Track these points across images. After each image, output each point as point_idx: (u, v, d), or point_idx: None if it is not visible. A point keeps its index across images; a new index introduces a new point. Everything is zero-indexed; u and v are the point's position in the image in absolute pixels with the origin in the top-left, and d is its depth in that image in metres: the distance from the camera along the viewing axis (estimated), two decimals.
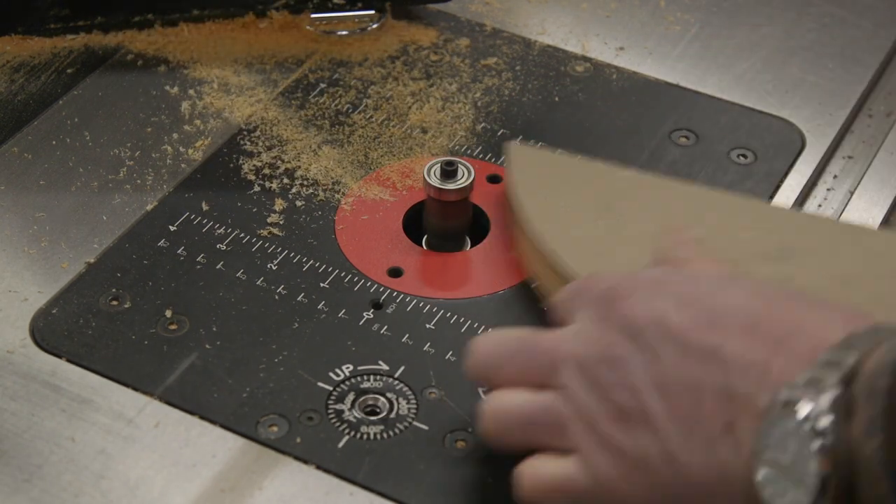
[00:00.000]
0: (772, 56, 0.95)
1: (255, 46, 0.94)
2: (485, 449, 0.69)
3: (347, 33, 0.95)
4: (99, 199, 0.83)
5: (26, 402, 0.71)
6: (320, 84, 0.91)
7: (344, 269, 0.79)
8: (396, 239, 0.81)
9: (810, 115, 0.90)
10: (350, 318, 0.76)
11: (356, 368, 0.73)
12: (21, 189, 0.84)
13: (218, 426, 0.71)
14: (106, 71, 0.92)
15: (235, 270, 0.78)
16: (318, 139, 0.87)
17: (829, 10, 0.98)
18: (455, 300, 0.78)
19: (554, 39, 0.95)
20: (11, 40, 0.93)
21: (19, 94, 0.90)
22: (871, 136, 0.90)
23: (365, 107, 0.90)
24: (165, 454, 0.69)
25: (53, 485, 0.68)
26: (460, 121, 0.89)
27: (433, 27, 0.96)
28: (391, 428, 0.71)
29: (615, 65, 0.93)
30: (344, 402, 0.72)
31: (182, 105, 0.89)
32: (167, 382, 0.72)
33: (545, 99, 0.91)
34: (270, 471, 0.69)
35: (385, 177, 0.85)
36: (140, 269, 0.78)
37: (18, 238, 0.80)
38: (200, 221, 0.81)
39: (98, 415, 0.71)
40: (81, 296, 0.77)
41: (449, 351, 0.74)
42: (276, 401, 0.72)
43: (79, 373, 0.73)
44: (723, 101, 0.91)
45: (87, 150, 0.86)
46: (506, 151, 0.84)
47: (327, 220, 0.82)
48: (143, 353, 0.74)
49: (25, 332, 0.75)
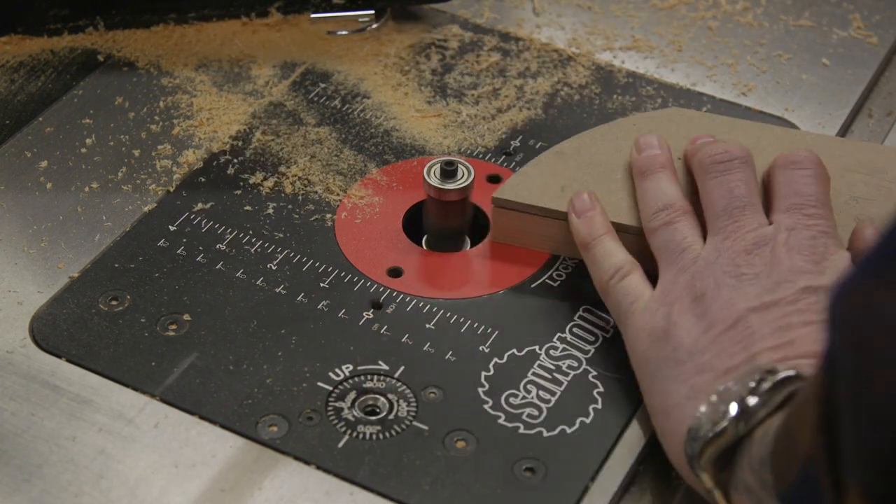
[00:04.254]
0: (772, 56, 0.95)
1: (255, 46, 0.94)
2: (485, 449, 0.69)
3: (347, 33, 0.95)
4: (99, 199, 0.83)
5: (26, 402, 0.71)
6: (320, 84, 0.91)
7: (344, 269, 0.79)
8: (396, 239, 0.81)
9: (810, 115, 0.90)
10: (350, 318, 0.76)
11: (356, 368, 0.73)
12: (21, 189, 0.84)
13: (218, 426, 0.71)
14: (106, 71, 0.92)
15: (235, 270, 0.78)
16: (317, 139, 0.87)
17: (828, 9, 0.98)
18: (455, 300, 0.78)
19: (554, 39, 0.95)
20: (11, 40, 0.93)
21: (19, 94, 0.90)
22: (871, 136, 0.90)
23: (364, 107, 0.89)
24: (165, 454, 0.69)
25: (53, 485, 0.68)
26: (461, 121, 0.89)
27: (433, 27, 0.96)
28: (391, 428, 0.71)
29: (615, 65, 0.93)
30: (344, 401, 0.72)
31: (182, 105, 0.89)
32: (167, 382, 0.72)
33: (545, 98, 0.90)
34: (270, 471, 0.69)
35: (385, 177, 0.85)
36: (140, 269, 0.78)
37: (18, 238, 0.80)
38: (200, 221, 0.81)
39: (98, 415, 0.71)
40: (81, 296, 0.77)
41: (449, 351, 0.74)
42: (276, 401, 0.72)
43: (79, 373, 0.73)
44: (723, 101, 0.91)
45: (87, 150, 0.86)
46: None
47: (327, 221, 0.82)
48: (143, 353, 0.74)
49: (25, 332, 0.75)
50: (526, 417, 0.71)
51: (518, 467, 0.69)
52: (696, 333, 0.68)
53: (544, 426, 0.71)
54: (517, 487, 0.68)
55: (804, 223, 0.71)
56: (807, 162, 0.74)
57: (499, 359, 0.74)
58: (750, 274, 0.69)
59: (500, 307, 0.77)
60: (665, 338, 0.69)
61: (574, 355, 0.75)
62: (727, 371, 0.66)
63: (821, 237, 0.71)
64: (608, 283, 0.74)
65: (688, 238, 0.73)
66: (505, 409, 0.72)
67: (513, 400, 0.72)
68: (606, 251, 0.75)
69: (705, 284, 0.70)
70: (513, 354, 0.75)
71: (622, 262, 0.74)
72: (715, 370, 0.66)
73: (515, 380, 0.73)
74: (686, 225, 0.74)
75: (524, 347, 0.75)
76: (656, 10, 0.99)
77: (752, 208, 0.73)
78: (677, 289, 0.71)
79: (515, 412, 0.72)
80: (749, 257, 0.70)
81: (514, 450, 0.70)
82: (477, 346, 0.75)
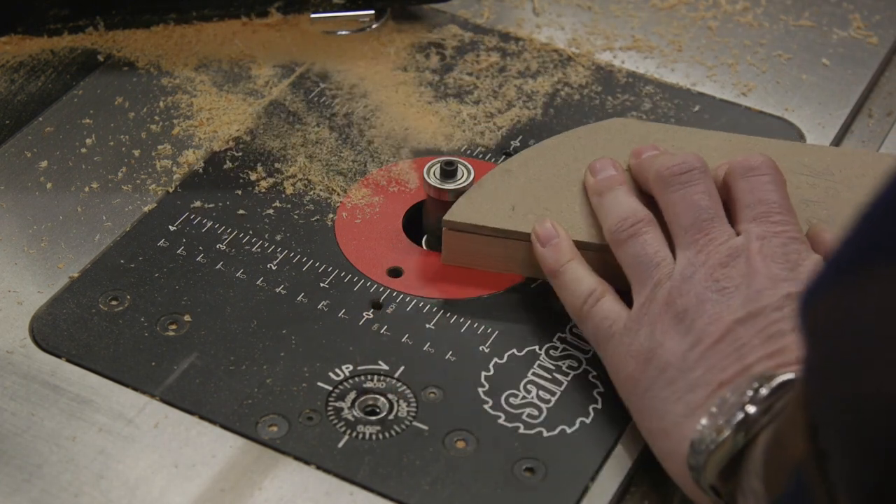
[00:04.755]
0: (772, 56, 0.95)
1: (254, 46, 0.94)
2: (485, 449, 0.69)
3: (347, 33, 0.95)
4: (99, 199, 0.83)
5: (26, 402, 0.71)
6: (320, 84, 0.91)
7: (344, 269, 0.79)
8: (396, 239, 0.81)
9: (810, 115, 0.90)
10: (350, 318, 0.76)
11: (356, 368, 0.73)
12: (21, 189, 0.84)
13: (218, 426, 0.71)
14: (105, 71, 0.92)
15: (235, 270, 0.78)
16: (317, 139, 0.87)
17: (828, 9, 0.98)
18: (455, 300, 0.78)
19: (554, 39, 0.95)
20: (11, 40, 0.93)
21: (19, 94, 0.90)
22: (871, 136, 0.90)
23: (364, 107, 0.89)
24: (165, 454, 0.69)
25: (53, 485, 0.68)
26: (461, 121, 0.89)
27: (433, 27, 0.96)
28: (391, 428, 0.71)
29: (615, 65, 0.93)
30: (344, 401, 0.72)
31: (182, 105, 0.89)
32: (167, 382, 0.72)
33: (545, 98, 0.90)
34: (270, 471, 0.69)
35: (385, 177, 0.85)
36: (140, 269, 0.78)
37: (18, 238, 0.80)
38: (200, 221, 0.81)
39: (98, 415, 0.71)
40: (81, 296, 0.77)
41: (449, 351, 0.74)
42: (276, 401, 0.72)
43: (79, 373, 0.73)
44: (723, 101, 0.91)
45: (87, 150, 0.86)
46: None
47: (327, 220, 0.82)
48: (143, 353, 0.74)
49: (25, 332, 0.75)
50: (526, 417, 0.71)
51: (518, 467, 0.69)
52: (683, 350, 0.68)
53: (544, 426, 0.71)
54: (517, 487, 0.68)
55: (773, 231, 0.71)
56: (765, 167, 0.74)
57: (499, 359, 0.74)
58: (730, 287, 0.69)
59: (500, 307, 0.77)
60: (652, 358, 0.69)
61: (574, 355, 0.75)
62: (721, 384, 0.66)
63: (791, 243, 0.70)
64: (583, 309, 0.73)
65: (659, 251, 0.72)
66: (505, 409, 0.72)
67: (513, 400, 0.72)
68: (576, 277, 0.74)
69: (686, 301, 0.69)
70: (513, 354, 0.75)
71: (594, 285, 0.73)
72: (709, 385, 0.66)
73: (515, 380, 0.73)
74: (654, 237, 0.73)
75: (524, 347, 0.75)
76: (656, 10, 0.99)
77: (719, 220, 0.72)
78: (656, 306, 0.70)
79: (515, 412, 0.72)
80: (726, 270, 0.69)
81: (514, 450, 0.70)
82: (477, 346, 0.75)
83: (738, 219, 0.73)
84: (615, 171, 0.78)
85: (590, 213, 0.77)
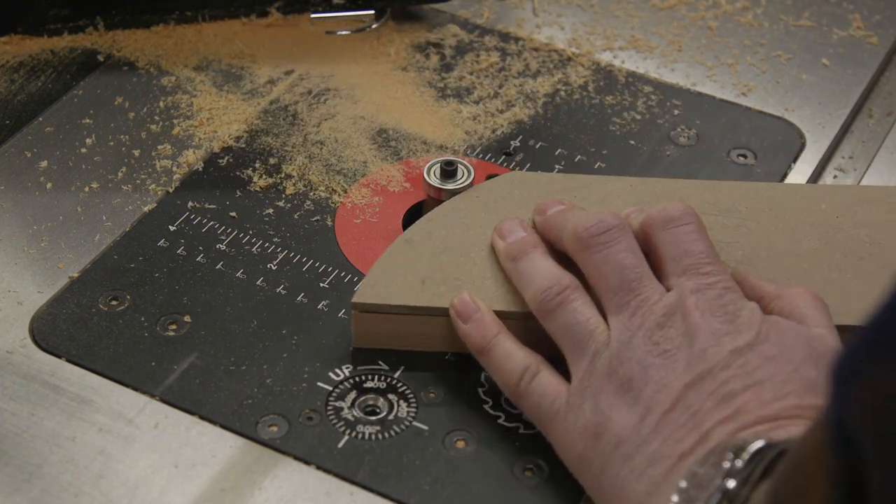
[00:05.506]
0: (772, 56, 0.95)
1: (255, 46, 0.94)
2: (485, 449, 0.69)
3: (347, 33, 0.95)
4: (99, 199, 0.83)
5: (26, 402, 0.71)
6: (320, 84, 0.91)
7: (344, 269, 0.79)
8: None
9: (810, 115, 0.90)
10: (350, 318, 0.76)
11: (356, 368, 0.73)
12: (21, 189, 0.84)
13: (218, 426, 0.71)
14: (105, 71, 0.92)
15: (235, 270, 0.78)
16: (317, 139, 0.87)
17: (828, 9, 0.99)
18: None
19: (554, 39, 0.95)
20: (11, 40, 0.93)
21: (19, 94, 0.90)
22: (871, 136, 0.90)
23: (364, 107, 0.89)
24: (165, 454, 0.69)
25: (53, 485, 0.68)
26: (460, 121, 0.89)
27: (433, 27, 0.96)
28: (391, 428, 0.71)
29: (615, 65, 0.93)
30: (344, 401, 0.72)
31: (181, 105, 0.89)
32: (167, 382, 0.72)
33: (545, 99, 0.90)
34: (270, 471, 0.69)
35: (385, 177, 0.85)
36: (140, 269, 0.78)
37: (18, 238, 0.80)
38: (200, 221, 0.81)
39: (98, 415, 0.71)
40: (81, 296, 0.77)
41: (449, 351, 0.74)
42: (276, 401, 0.72)
43: (79, 373, 0.73)
44: (723, 101, 0.91)
45: (87, 150, 0.86)
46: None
47: (327, 221, 0.82)
48: (143, 353, 0.74)
49: (25, 332, 0.75)
50: (526, 417, 0.71)
51: (518, 467, 0.69)
52: (634, 423, 0.65)
53: None
54: (517, 487, 0.68)
55: (705, 283, 0.68)
56: (686, 217, 0.71)
57: None
58: (671, 349, 0.66)
59: None
60: (602, 433, 0.65)
61: None
62: (682, 456, 0.63)
63: (726, 294, 0.68)
64: (519, 387, 0.69)
65: (591, 319, 0.69)
66: (505, 409, 0.72)
67: None
68: (506, 353, 0.70)
69: (629, 368, 0.66)
70: None
71: (527, 361, 0.70)
72: (669, 458, 0.63)
73: None
74: (583, 303, 0.69)
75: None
76: (656, 10, 0.99)
77: (647, 277, 0.69)
78: (597, 378, 0.67)
79: (515, 412, 0.71)
80: (664, 331, 0.66)
81: (514, 450, 0.70)
82: None
83: (666, 273, 0.70)
84: (524, 231, 0.74)
85: (505, 279, 0.73)
